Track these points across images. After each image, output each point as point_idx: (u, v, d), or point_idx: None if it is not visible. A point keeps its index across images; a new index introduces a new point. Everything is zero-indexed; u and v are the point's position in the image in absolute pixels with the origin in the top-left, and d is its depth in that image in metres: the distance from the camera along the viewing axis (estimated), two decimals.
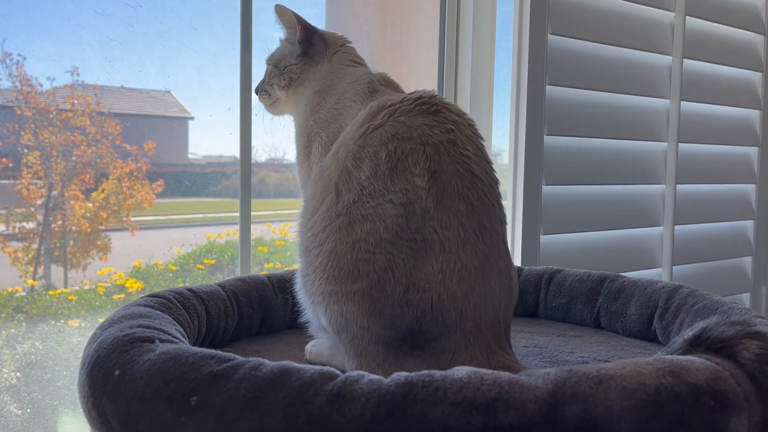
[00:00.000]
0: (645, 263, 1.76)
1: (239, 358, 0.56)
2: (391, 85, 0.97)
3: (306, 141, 0.96)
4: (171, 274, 1.46)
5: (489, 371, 0.52)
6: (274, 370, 0.53)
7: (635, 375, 0.53)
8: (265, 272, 1.08)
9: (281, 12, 1.02)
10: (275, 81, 1.03)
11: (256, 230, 1.46)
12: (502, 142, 1.61)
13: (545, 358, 0.90)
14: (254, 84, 1.11)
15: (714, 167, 1.93)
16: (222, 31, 1.36)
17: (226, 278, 1.02)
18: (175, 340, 0.65)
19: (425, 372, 0.52)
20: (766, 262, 2.08)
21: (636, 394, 0.51)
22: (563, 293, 1.12)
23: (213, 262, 1.51)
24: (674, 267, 1.79)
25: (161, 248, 1.45)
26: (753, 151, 2.04)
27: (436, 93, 0.83)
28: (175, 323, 0.75)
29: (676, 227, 1.78)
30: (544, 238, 1.55)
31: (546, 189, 1.54)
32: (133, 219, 1.40)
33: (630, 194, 1.74)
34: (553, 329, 1.07)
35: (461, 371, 0.52)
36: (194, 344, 0.84)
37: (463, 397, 0.49)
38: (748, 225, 2.06)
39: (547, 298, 1.14)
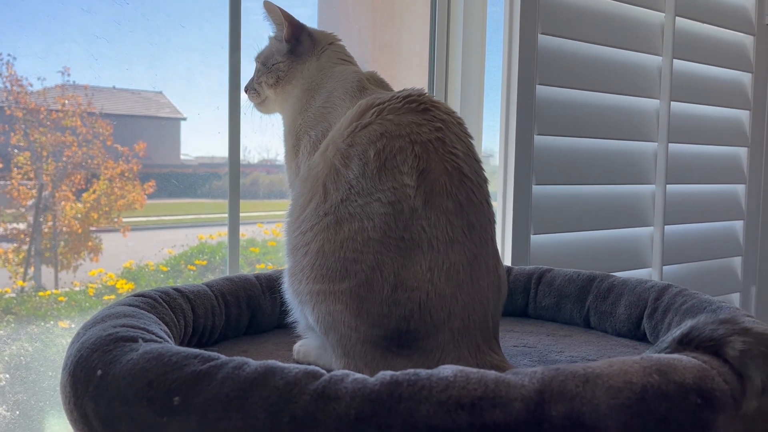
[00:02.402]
0: (635, 263, 1.77)
1: (223, 357, 0.55)
2: (381, 84, 0.97)
3: (294, 140, 0.95)
4: (162, 275, 1.46)
5: (475, 370, 0.52)
6: (258, 370, 0.52)
7: (622, 373, 0.52)
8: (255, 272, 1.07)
9: (269, 8, 1.01)
10: (263, 79, 1.03)
11: (247, 231, 1.45)
12: (493, 142, 1.61)
13: (534, 357, 0.89)
14: (243, 82, 1.11)
15: (704, 167, 1.93)
16: (210, 29, 1.35)
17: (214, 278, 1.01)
18: (159, 339, 0.64)
19: (411, 371, 0.51)
20: (755, 262, 2.09)
21: (623, 392, 0.51)
22: (553, 293, 1.12)
23: (204, 263, 1.50)
24: (664, 267, 1.80)
25: (152, 249, 1.44)
26: (743, 152, 2.04)
27: (425, 91, 0.83)
28: (161, 323, 0.75)
29: (666, 227, 1.79)
30: (535, 238, 1.55)
31: (536, 189, 1.54)
32: (124, 220, 1.39)
33: (620, 194, 1.74)
34: (543, 329, 1.07)
35: (447, 370, 0.51)
36: (180, 344, 0.83)
37: (448, 396, 0.49)
38: (738, 225, 2.06)
39: (537, 298, 1.14)
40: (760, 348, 0.57)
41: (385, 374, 0.51)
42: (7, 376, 1.24)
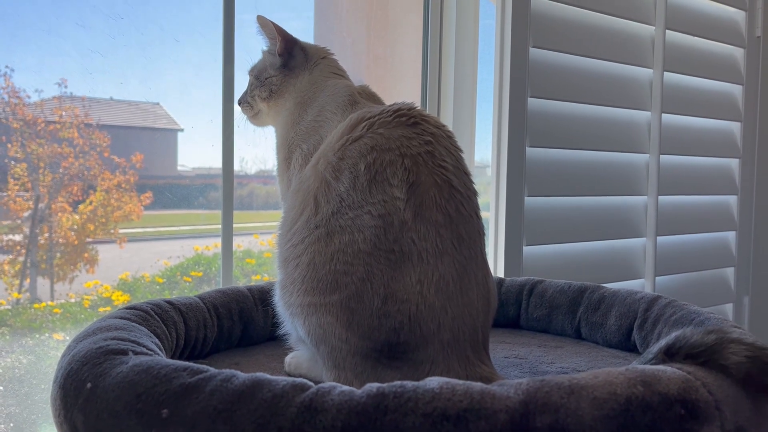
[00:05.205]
0: (628, 274, 1.77)
1: (212, 369, 0.56)
2: (373, 98, 0.98)
3: (287, 152, 0.96)
4: (158, 287, 1.45)
5: (461, 382, 0.52)
6: (246, 382, 0.53)
7: (607, 385, 0.53)
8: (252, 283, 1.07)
9: (263, 23, 1.02)
10: (256, 92, 1.04)
11: (244, 242, 1.45)
12: (486, 154, 1.62)
13: (525, 368, 0.90)
14: (237, 95, 1.12)
15: (696, 179, 1.94)
16: (204, 42, 1.36)
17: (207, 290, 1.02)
18: (150, 352, 0.64)
19: (397, 383, 0.52)
20: (748, 272, 2.10)
21: (607, 403, 0.51)
22: (544, 304, 1.12)
23: (200, 274, 1.50)
24: (657, 278, 1.80)
25: (149, 260, 1.44)
26: (734, 163, 2.06)
27: (416, 105, 0.84)
28: (152, 335, 0.75)
29: (659, 238, 1.79)
30: (527, 250, 1.55)
31: (528, 200, 1.55)
32: (121, 231, 1.39)
33: (612, 205, 1.75)
34: (535, 340, 1.07)
35: (433, 382, 0.52)
36: (172, 357, 0.83)
37: (434, 408, 0.49)
38: (730, 236, 2.07)
39: (529, 309, 1.14)
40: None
41: (372, 386, 0.52)
42: (1, 388, 1.23)
